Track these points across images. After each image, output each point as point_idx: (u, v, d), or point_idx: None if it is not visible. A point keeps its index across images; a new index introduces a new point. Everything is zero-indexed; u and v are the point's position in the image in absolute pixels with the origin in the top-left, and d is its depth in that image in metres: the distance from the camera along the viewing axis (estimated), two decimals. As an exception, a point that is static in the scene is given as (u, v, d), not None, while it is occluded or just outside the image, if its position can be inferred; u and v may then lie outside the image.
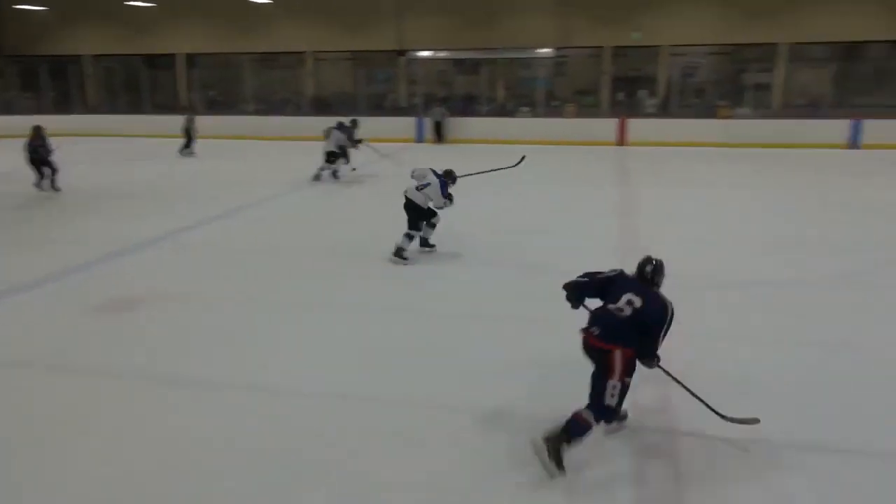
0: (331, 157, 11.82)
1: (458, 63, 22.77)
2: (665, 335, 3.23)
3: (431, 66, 22.69)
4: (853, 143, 16.57)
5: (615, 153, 16.45)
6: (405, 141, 18.03)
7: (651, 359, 3.31)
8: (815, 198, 10.43)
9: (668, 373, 3.46)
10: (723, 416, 3.45)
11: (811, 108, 18.90)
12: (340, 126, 12.02)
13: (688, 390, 3.47)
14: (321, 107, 21.72)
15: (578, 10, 20.50)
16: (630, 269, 3.42)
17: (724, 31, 19.84)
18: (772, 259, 6.94)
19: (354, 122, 12.57)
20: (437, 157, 13.03)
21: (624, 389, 3.23)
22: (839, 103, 18.95)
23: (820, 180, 12.30)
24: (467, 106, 21.34)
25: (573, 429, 3.17)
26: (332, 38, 22.22)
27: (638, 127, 17.94)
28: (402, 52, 21.91)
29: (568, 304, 3.52)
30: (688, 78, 20.98)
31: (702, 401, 3.46)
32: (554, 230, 8.33)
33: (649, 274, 3.36)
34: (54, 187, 10.92)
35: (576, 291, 3.50)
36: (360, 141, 12.11)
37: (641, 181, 12.16)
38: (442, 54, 22.21)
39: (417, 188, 6.83)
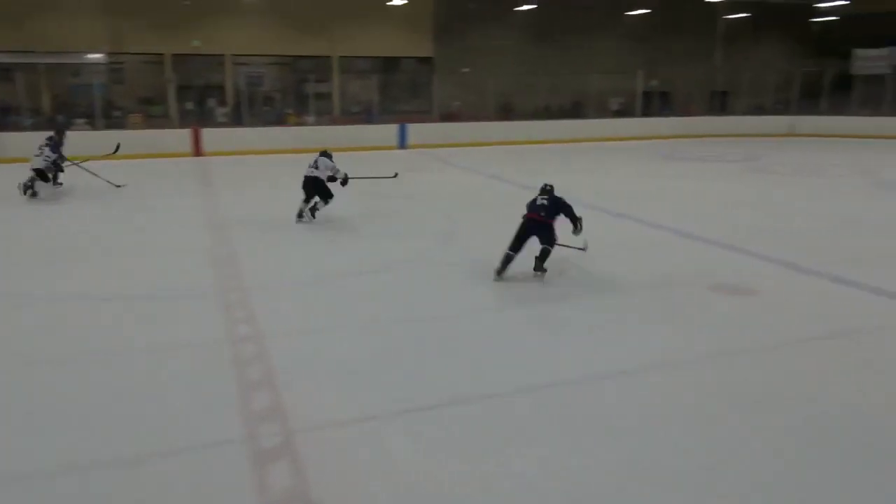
0: (40, 174, 10.64)
1: (-20, 67, 19.02)
2: (573, 210, 6.45)
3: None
4: (402, 144, 19.36)
5: (193, 164, 15.95)
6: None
7: (576, 222, 6.49)
8: (379, 192, 11.86)
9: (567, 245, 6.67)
10: (581, 248, 6.74)
11: (366, 115, 21.40)
12: (51, 140, 10.94)
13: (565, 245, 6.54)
14: None
15: (131, 15, 19.15)
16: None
17: (283, 43, 21.00)
18: (343, 252, 7.71)
19: (60, 133, 11.28)
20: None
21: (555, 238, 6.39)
22: (386, 110, 21.90)
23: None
24: (4, 118, 18.00)
25: (545, 256, 6.28)
26: None
27: (212, 136, 17.69)
28: None
29: None
30: (254, 87, 21.53)
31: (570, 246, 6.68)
32: (145, 250, 7.73)
33: (549, 189, 6.56)
34: None
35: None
36: (64, 158, 11.06)
37: (224, 191, 12.09)
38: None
39: (311, 166, 8.77)
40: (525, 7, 22.91)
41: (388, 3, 21.12)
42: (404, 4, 21.07)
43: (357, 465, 3.38)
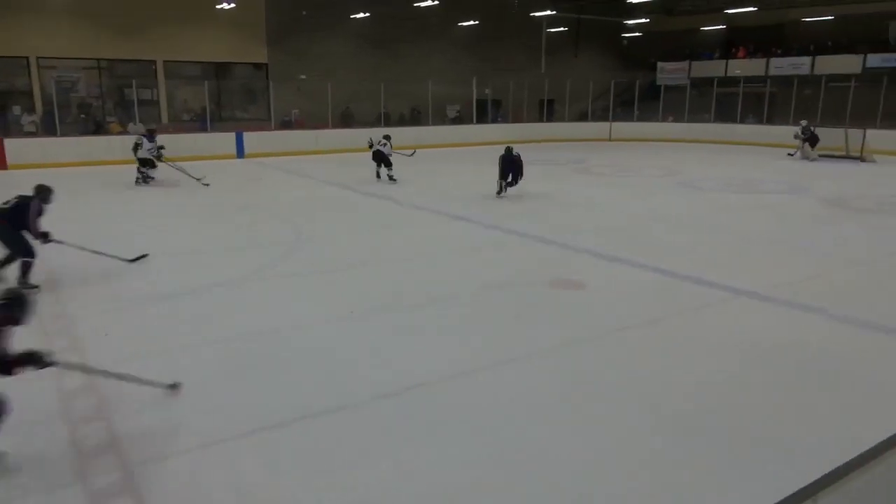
0: (144, 163, 12.86)
1: None
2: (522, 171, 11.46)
3: None
4: (240, 153, 18.59)
5: (-5, 179, 14.22)
6: None
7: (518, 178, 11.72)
8: (218, 202, 11.33)
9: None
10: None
11: (199, 123, 20.23)
12: (150, 133, 13.18)
13: None
14: None
15: None
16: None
17: (99, 46, 19.37)
18: (179, 270, 7.28)
19: (151, 133, 13.11)
20: None
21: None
22: (221, 117, 20.89)
23: (219, 189, 13.39)
24: None
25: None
26: None
27: (18, 147, 15.85)
28: None
29: None
30: (68, 93, 19.60)
31: None
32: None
33: (515, 153, 11.43)
34: None
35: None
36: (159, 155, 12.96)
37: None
38: None
39: (379, 144, 13.30)
40: (359, 15, 22.96)
41: (217, 7, 20.18)
42: (233, 9, 20.24)
43: (206, 493, 3.23)
